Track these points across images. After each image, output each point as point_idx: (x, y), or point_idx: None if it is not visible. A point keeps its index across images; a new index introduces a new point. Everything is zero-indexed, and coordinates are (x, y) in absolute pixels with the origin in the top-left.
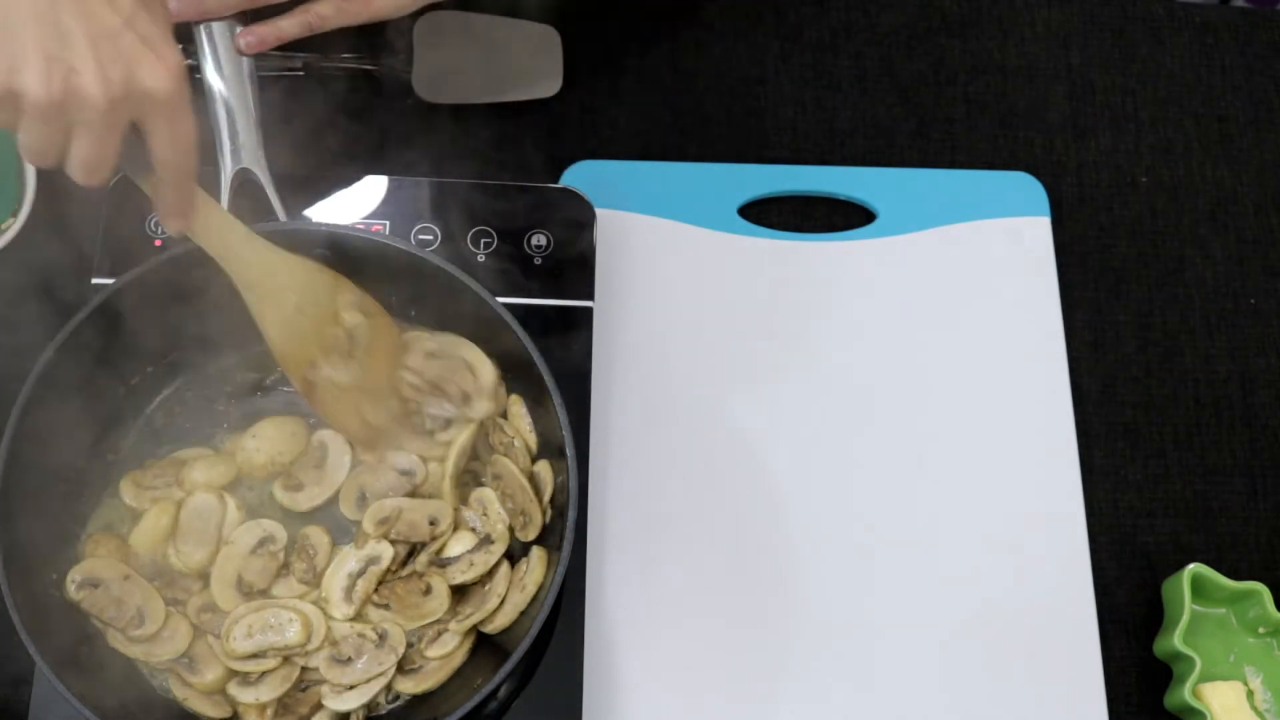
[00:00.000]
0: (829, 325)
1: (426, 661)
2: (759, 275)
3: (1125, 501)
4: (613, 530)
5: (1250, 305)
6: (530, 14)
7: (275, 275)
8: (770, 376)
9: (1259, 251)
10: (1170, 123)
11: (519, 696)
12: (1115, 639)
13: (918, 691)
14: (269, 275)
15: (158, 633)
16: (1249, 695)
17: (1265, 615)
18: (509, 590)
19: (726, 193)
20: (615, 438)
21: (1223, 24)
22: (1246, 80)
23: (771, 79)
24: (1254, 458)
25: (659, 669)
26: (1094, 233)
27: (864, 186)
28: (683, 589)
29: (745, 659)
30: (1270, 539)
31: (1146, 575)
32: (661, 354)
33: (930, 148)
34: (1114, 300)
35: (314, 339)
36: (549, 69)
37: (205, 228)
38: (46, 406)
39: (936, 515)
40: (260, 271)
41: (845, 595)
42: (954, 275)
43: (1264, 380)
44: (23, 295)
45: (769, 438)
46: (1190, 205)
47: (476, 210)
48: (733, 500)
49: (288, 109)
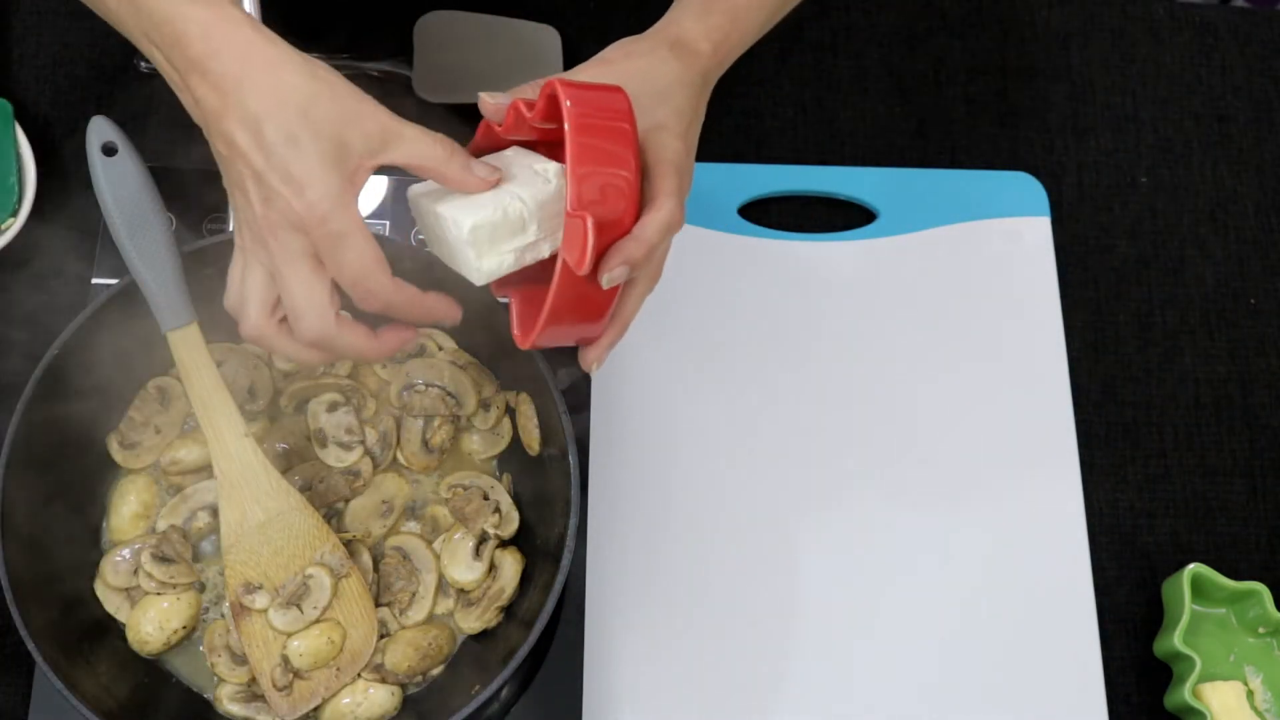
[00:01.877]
0: (829, 325)
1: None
2: (759, 275)
3: (1125, 501)
4: (612, 532)
5: (1250, 305)
6: (530, 14)
7: (252, 485)
8: (770, 376)
9: (1259, 251)
10: (1170, 123)
11: (519, 700)
12: (1115, 639)
13: (918, 691)
14: (245, 481)
15: None
16: (1249, 695)
17: (1265, 615)
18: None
19: (726, 193)
20: (615, 439)
21: (1223, 24)
22: (1246, 80)
23: (771, 79)
24: (1254, 458)
25: (659, 671)
26: (1094, 233)
27: (864, 186)
28: (682, 590)
29: (745, 661)
30: (1270, 539)
31: (1146, 575)
32: (662, 354)
33: (930, 148)
34: (1114, 300)
35: (264, 565)
36: (549, 69)
37: (206, 409)
38: (48, 406)
39: (936, 515)
40: (239, 473)
41: (845, 594)
42: (954, 275)
43: (1264, 380)
44: (22, 295)
45: (769, 437)
46: (1190, 205)
47: None
48: (732, 500)
49: None
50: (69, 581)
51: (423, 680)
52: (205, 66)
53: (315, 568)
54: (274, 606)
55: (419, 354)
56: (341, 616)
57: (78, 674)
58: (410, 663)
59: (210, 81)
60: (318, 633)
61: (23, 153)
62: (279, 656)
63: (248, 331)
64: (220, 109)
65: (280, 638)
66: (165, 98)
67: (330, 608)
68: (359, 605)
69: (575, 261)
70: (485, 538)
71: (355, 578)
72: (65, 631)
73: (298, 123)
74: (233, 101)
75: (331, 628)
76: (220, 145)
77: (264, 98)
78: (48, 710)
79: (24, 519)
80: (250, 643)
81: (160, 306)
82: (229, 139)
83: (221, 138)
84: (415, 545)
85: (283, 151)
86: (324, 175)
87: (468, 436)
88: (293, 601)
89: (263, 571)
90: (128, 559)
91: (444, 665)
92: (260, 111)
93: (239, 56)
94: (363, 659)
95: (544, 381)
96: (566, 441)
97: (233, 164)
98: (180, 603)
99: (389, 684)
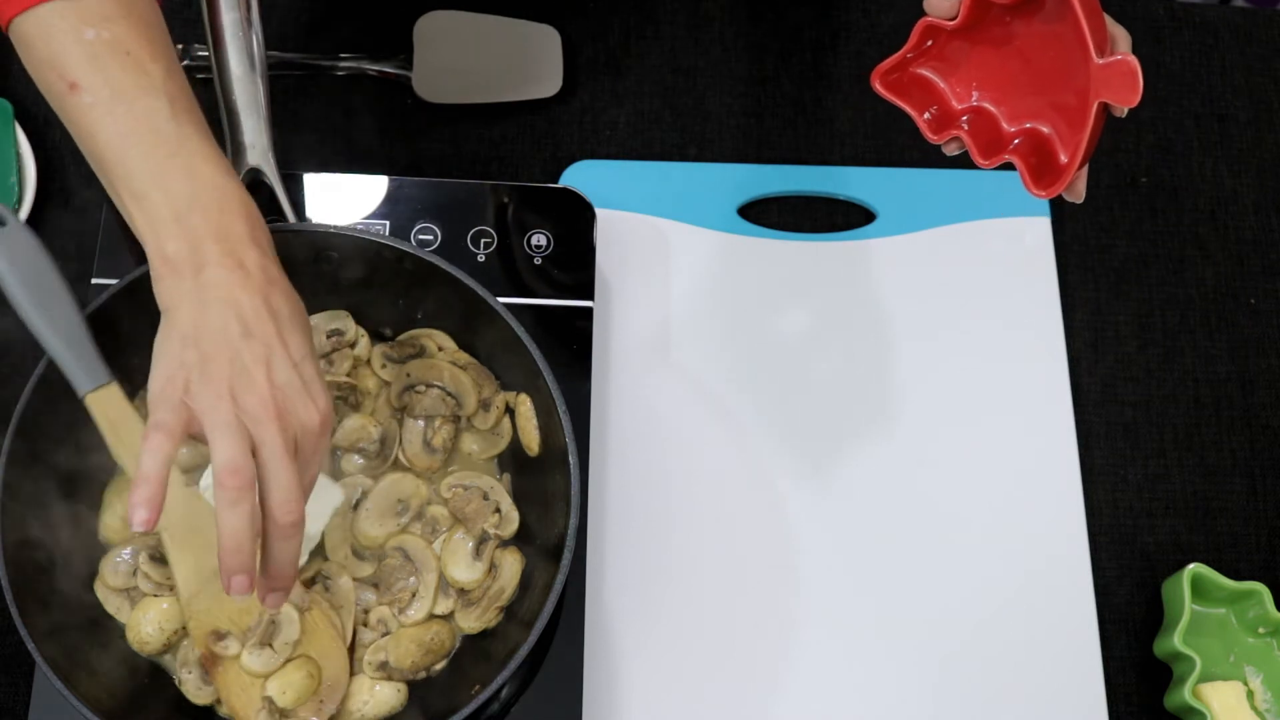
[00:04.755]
0: (829, 325)
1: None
2: (759, 275)
3: (1125, 501)
4: (612, 531)
5: (1250, 305)
6: (530, 14)
7: (201, 532)
8: (770, 376)
9: (1259, 251)
10: (1170, 123)
11: (519, 700)
12: (1115, 639)
13: (918, 692)
14: (193, 530)
15: None
16: (1249, 695)
17: (1265, 615)
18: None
19: (726, 193)
20: (615, 437)
21: (1223, 24)
22: (1246, 80)
23: (771, 79)
24: (1254, 458)
25: (659, 671)
26: (1094, 233)
27: (864, 186)
28: (682, 590)
29: (745, 661)
30: (1270, 539)
31: (1146, 575)
32: (661, 354)
33: (930, 148)
34: (1114, 300)
35: (229, 613)
36: (549, 69)
37: (118, 444)
38: (48, 405)
39: (936, 515)
40: (185, 524)
41: (845, 594)
42: (954, 275)
43: (1264, 380)
44: None
45: (768, 437)
46: (1190, 205)
47: (476, 210)
48: (732, 500)
49: (288, 109)
50: (69, 582)
51: (427, 675)
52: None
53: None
54: (246, 649)
55: (419, 354)
56: (313, 651)
57: (78, 674)
58: (414, 658)
59: (266, 251)
60: (294, 667)
61: (23, 153)
62: (260, 700)
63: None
64: (271, 280)
65: (258, 681)
66: None
67: (300, 643)
68: (327, 636)
69: (1130, 98)
70: (485, 538)
71: (316, 610)
72: (65, 631)
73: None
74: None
75: (306, 663)
76: (236, 321)
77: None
78: (48, 710)
79: (24, 519)
80: (229, 691)
81: (74, 370)
82: (256, 319)
83: (263, 305)
84: (416, 545)
85: (306, 359)
86: (329, 399)
87: (467, 436)
88: (264, 641)
89: (228, 617)
90: (127, 560)
91: (447, 659)
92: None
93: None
94: (342, 688)
95: (544, 381)
96: (566, 441)
97: (250, 342)
98: (181, 604)
99: (395, 681)
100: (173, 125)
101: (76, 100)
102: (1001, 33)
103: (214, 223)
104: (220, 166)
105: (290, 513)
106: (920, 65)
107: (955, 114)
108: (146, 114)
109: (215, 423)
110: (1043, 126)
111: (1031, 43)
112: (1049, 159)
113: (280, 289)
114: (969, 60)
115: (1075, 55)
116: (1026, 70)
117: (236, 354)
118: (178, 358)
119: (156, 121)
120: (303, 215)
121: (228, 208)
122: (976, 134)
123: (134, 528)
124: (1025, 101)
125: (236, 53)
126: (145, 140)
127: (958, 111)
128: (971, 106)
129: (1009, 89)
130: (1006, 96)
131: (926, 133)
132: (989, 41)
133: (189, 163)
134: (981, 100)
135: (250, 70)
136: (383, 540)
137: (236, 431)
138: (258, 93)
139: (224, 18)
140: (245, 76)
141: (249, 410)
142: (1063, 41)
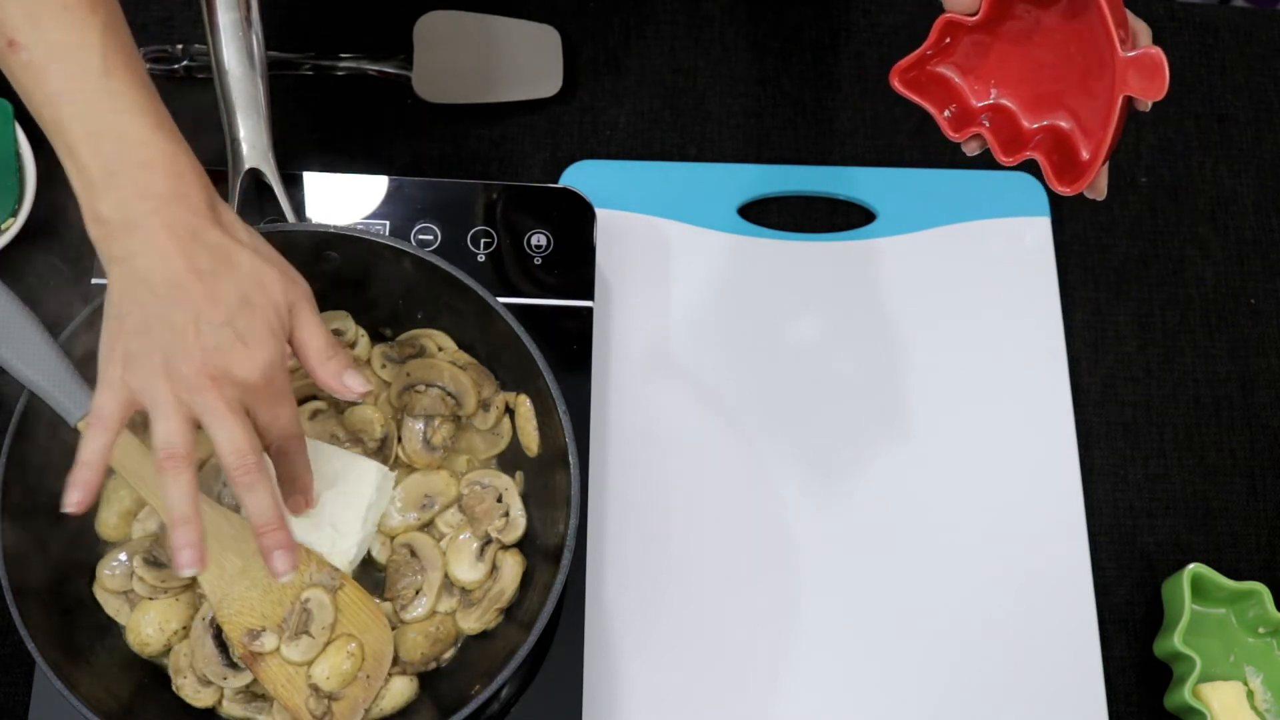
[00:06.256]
0: (829, 325)
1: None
2: (759, 275)
3: (1125, 501)
4: (612, 532)
5: (1250, 305)
6: (530, 14)
7: (216, 536)
8: (769, 376)
9: (1259, 251)
10: (1170, 123)
11: (519, 700)
12: (1115, 639)
13: (918, 692)
14: (208, 536)
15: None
16: (1249, 695)
17: (1265, 615)
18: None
19: (726, 193)
20: (615, 438)
21: (1223, 24)
22: (1246, 80)
23: (771, 79)
24: (1254, 458)
25: (659, 671)
26: (1094, 233)
27: (864, 186)
28: (682, 591)
29: (745, 661)
30: (1270, 539)
31: (1146, 575)
32: (661, 354)
33: (930, 148)
34: (1114, 300)
35: (260, 608)
36: (549, 69)
37: (142, 483)
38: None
39: (936, 515)
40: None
41: (845, 595)
42: (954, 275)
43: (1264, 380)
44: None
45: (768, 437)
46: (1190, 205)
47: (476, 210)
48: (732, 501)
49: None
50: (70, 582)
51: (437, 665)
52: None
53: (309, 590)
54: (284, 642)
55: (419, 354)
56: (351, 627)
57: (78, 674)
58: (423, 650)
59: (195, 207)
60: (335, 650)
61: (23, 153)
62: (307, 688)
63: (189, 477)
64: (196, 234)
65: (301, 670)
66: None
67: (337, 623)
68: (363, 609)
69: (1157, 91)
70: (489, 540)
71: (349, 585)
72: (65, 631)
73: (251, 285)
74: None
75: (346, 641)
76: (161, 284)
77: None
78: (48, 710)
79: (24, 519)
80: (274, 685)
81: (60, 404)
82: (180, 280)
83: (186, 266)
84: (424, 542)
85: (239, 310)
86: (273, 342)
87: (467, 436)
88: (300, 631)
89: (260, 614)
90: (124, 563)
91: (455, 646)
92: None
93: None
94: (387, 658)
95: (544, 381)
96: (566, 442)
97: (177, 304)
98: (180, 604)
99: (406, 674)
100: (104, 81)
101: (15, 58)
102: (1021, 28)
103: (140, 181)
104: (150, 121)
105: (241, 465)
106: (939, 63)
107: (974, 112)
108: (81, 72)
109: (151, 402)
110: (1062, 122)
111: (1052, 38)
112: (1070, 155)
113: (206, 242)
114: (988, 57)
115: (1097, 49)
116: (1046, 66)
117: (166, 320)
118: (115, 331)
119: (90, 79)
120: (303, 215)
121: (154, 164)
122: (997, 131)
123: (64, 508)
124: (1044, 98)
125: (236, 52)
126: (77, 99)
127: (977, 109)
128: (990, 104)
129: (1028, 85)
130: (1025, 93)
131: (947, 131)
132: (1008, 37)
133: (119, 120)
134: (1000, 97)
135: (250, 70)
136: (400, 531)
137: (172, 408)
138: (257, 92)
139: (224, 17)
140: (245, 76)
141: (185, 379)
142: (1083, 36)
